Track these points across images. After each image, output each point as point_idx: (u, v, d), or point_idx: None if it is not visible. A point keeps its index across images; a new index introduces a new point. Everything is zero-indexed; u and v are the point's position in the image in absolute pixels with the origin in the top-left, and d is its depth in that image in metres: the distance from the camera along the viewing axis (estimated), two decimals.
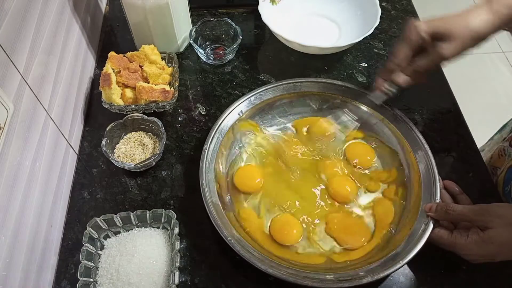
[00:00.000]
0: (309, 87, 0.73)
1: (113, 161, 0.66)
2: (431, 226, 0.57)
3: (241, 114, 0.70)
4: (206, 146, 0.66)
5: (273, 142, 0.71)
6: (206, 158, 0.65)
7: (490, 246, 0.52)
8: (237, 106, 0.70)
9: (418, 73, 0.62)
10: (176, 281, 0.55)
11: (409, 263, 0.55)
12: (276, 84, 0.73)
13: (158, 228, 0.62)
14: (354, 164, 0.69)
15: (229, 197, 0.66)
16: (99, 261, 0.59)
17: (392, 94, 0.66)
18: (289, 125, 0.74)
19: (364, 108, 0.71)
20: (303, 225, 0.63)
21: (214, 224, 0.58)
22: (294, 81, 0.73)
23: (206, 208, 0.60)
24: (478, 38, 0.57)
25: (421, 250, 0.56)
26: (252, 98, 0.71)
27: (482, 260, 0.54)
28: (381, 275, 0.54)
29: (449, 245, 0.56)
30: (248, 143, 0.71)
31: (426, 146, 0.65)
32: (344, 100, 0.72)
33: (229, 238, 0.57)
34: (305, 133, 0.73)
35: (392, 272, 0.55)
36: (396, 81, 0.63)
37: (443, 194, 0.62)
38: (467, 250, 0.54)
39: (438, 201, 0.60)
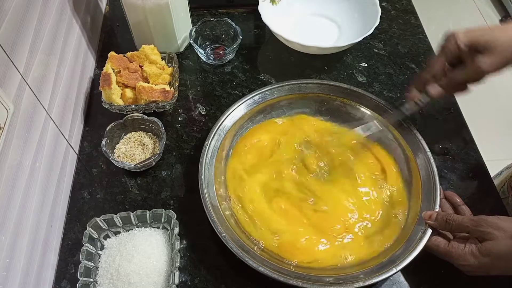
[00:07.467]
0: (314, 89, 0.73)
1: (113, 161, 0.66)
2: (428, 233, 0.57)
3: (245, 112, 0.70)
4: (207, 142, 0.66)
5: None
6: (206, 155, 0.65)
7: (487, 259, 0.51)
8: (239, 105, 0.70)
9: (453, 86, 0.60)
10: (176, 281, 0.55)
11: (409, 264, 0.55)
12: (281, 84, 0.72)
13: (158, 228, 0.62)
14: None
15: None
16: (99, 261, 0.59)
17: (423, 105, 0.63)
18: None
19: (369, 112, 0.71)
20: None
21: (210, 221, 0.58)
22: (300, 82, 0.73)
23: (204, 206, 0.60)
24: None
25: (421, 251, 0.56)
26: (256, 97, 0.71)
27: (477, 273, 0.53)
28: (374, 280, 0.54)
29: (445, 254, 0.55)
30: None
31: (429, 152, 0.64)
32: (345, 103, 0.72)
33: (224, 234, 0.57)
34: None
35: (386, 278, 0.55)
36: (430, 92, 0.60)
37: (444, 203, 0.62)
38: (463, 261, 0.53)
39: (437, 209, 0.59)
